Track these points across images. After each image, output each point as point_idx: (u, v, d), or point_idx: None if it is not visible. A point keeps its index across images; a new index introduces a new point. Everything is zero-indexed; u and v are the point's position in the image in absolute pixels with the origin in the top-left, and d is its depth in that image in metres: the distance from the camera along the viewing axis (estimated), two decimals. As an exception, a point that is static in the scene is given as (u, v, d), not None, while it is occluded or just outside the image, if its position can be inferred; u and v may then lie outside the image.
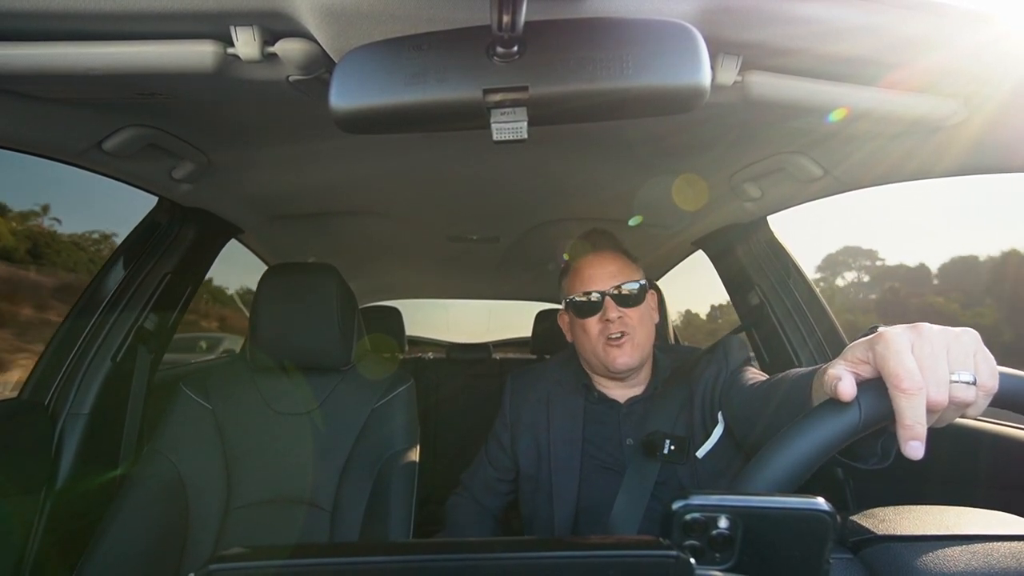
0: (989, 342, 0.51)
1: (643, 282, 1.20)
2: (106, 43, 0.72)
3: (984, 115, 0.85)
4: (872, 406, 0.49)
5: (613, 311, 1.16)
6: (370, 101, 0.55)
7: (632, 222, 1.86)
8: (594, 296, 1.18)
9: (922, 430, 0.47)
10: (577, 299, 1.20)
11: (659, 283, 2.47)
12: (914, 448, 0.47)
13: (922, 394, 0.47)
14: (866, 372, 0.51)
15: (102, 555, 1.09)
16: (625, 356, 1.16)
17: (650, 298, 1.23)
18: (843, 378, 0.49)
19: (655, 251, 2.20)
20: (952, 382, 0.48)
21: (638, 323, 1.17)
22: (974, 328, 0.51)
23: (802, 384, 0.74)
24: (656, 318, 1.25)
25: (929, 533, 0.49)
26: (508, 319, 3.92)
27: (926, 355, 0.48)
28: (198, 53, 0.73)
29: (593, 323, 1.18)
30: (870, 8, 0.67)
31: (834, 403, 0.50)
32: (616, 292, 1.17)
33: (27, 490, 1.23)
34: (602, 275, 1.19)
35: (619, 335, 1.16)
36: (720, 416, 1.10)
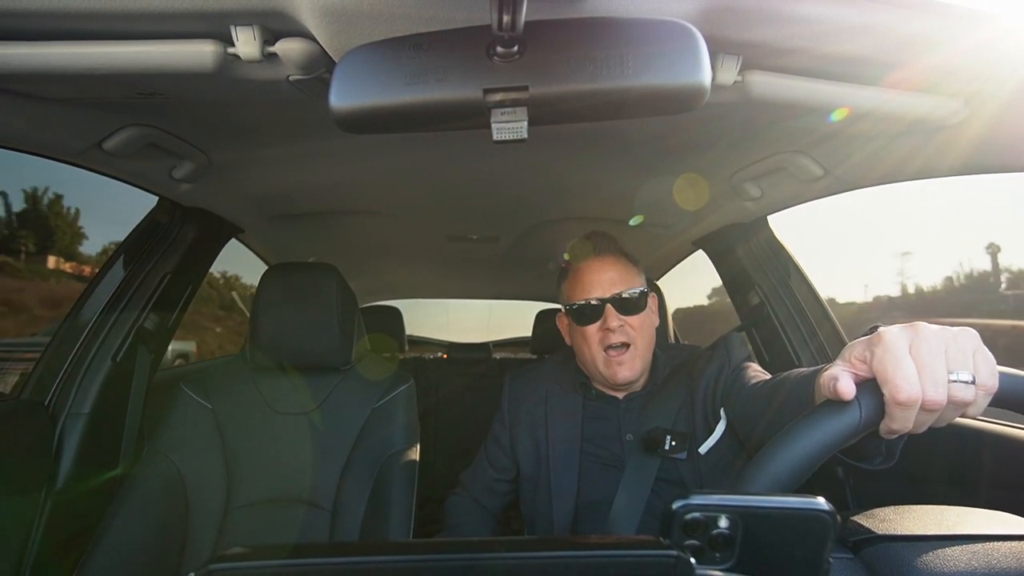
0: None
1: (644, 288, 1.19)
2: (106, 43, 0.72)
3: (986, 115, 0.85)
4: (872, 406, 0.49)
5: (614, 320, 1.14)
6: (370, 101, 0.55)
7: (633, 222, 1.86)
8: (594, 302, 1.16)
9: (905, 431, 0.49)
10: (577, 305, 1.18)
11: (659, 282, 2.47)
12: (890, 435, 0.50)
13: (916, 405, 0.47)
14: (865, 372, 0.51)
15: (102, 555, 1.09)
16: (626, 371, 1.15)
17: (651, 302, 1.22)
18: (840, 378, 0.49)
19: (656, 251, 2.20)
20: (951, 381, 0.48)
21: (639, 331, 1.16)
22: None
23: (805, 383, 0.74)
24: (656, 321, 1.24)
25: (930, 533, 0.49)
26: (508, 319, 3.92)
27: (924, 355, 0.48)
28: (198, 53, 0.73)
29: (593, 331, 1.17)
30: (871, 8, 0.67)
31: (834, 402, 0.49)
32: (617, 299, 1.15)
33: (27, 490, 1.23)
34: (603, 281, 1.17)
35: (620, 345, 1.14)
36: (723, 413, 1.10)
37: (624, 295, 1.16)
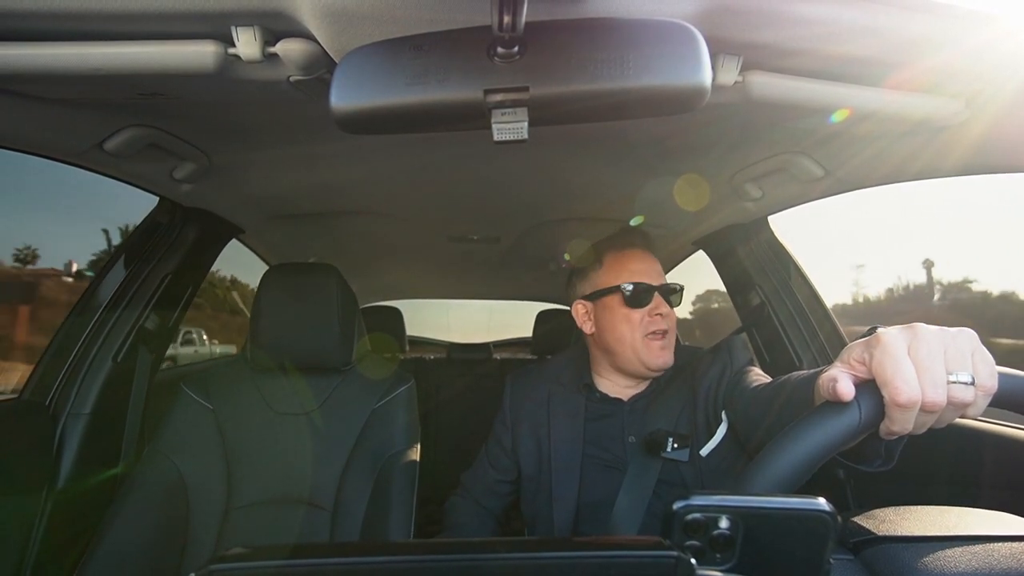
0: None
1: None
2: (107, 43, 0.72)
3: (987, 115, 0.85)
4: (871, 408, 0.48)
5: (664, 306, 1.19)
6: (371, 101, 0.55)
7: (633, 222, 1.85)
8: (650, 286, 1.20)
9: (905, 433, 0.49)
10: (634, 286, 1.19)
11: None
12: (890, 437, 0.51)
13: (916, 406, 0.47)
14: (864, 373, 0.51)
15: (103, 555, 1.09)
16: (668, 354, 1.19)
17: None
18: (839, 379, 0.49)
19: (656, 251, 2.19)
20: (950, 383, 0.48)
21: (673, 324, 1.21)
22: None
23: (806, 386, 0.74)
24: None
25: (930, 534, 0.49)
26: (509, 319, 3.92)
27: (923, 356, 0.48)
28: (199, 53, 0.73)
29: (640, 315, 1.19)
30: (872, 9, 0.67)
31: (834, 404, 0.49)
32: (666, 289, 1.21)
33: (28, 490, 1.23)
34: (652, 271, 1.22)
35: (662, 332, 1.18)
36: (724, 415, 1.10)
37: (671, 286, 1.22)
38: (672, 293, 1.22)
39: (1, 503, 1.15)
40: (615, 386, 1.26)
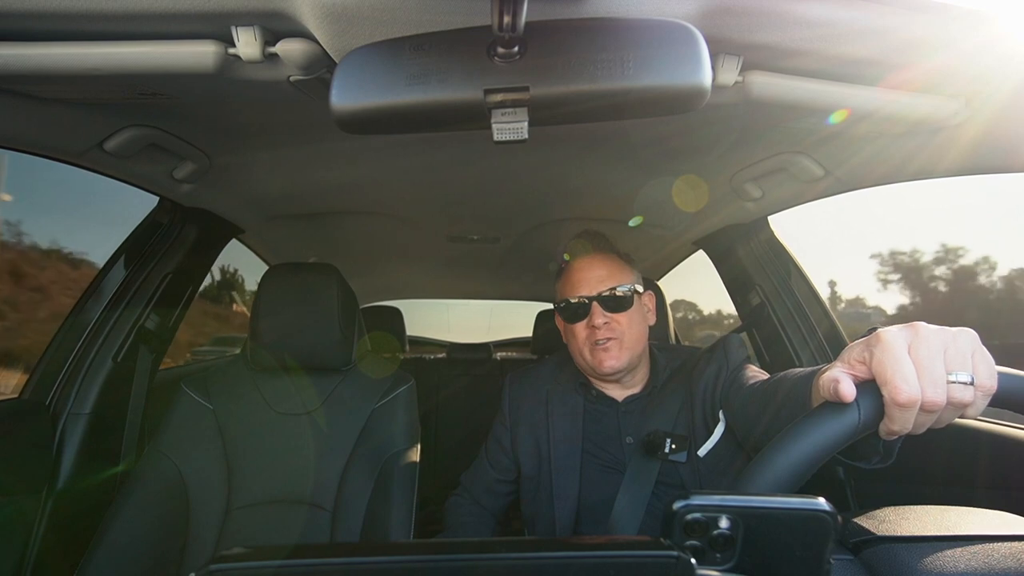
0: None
1: (633, 285, 1.19)
2: (107, 43, 0.72)
3: (986, 115, 0.85)
4: (871, 408, 0.48)
5: (599, 317, 1.16)
6: (371, 101, 0.55)
7: (633, 223, 1.86)
8: (581, 301, 1.18)
9: (905, 432, 0.49)
10: (564, 303, 1.21)
11: (659, 283, 2.47)
12: (890, 436, 0.50)
13: (916, 406, 0.47)
14: (864, 373, 0.51)
15: (103, 555, 1.09)
16: (611, 359, 1.15)
17: (646, 299, 1.23)
18: (841, 380, 0.49)
19: (656, 251, 2.19)
20: (950, 382, 0.48)
21: (627, 327, 1.17)
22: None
23: (803, 384, 0.74)
24: (652, 320, 1.25)
25: (929, 534, 0.49)
26: (509, 319, 3.92)
27: (923, 356, 0.48)
28: (199, 53, 0.73)
29: (581, 328, 1.19)
30: (872, 9, 0.67)
31: (834, 404, 0.49)
32: (603, 297, 1.17)
33: (28, 490, 1.23)
34: (590, 279, 1.18)
35: (605, 340, 1.16)
36: (721, 415, 1.09)
37: (610, 293, 1.17)
38: (613, 300, 1.17)
39: (1, 503, 1.15)
40: (607, 387, 1.26)
